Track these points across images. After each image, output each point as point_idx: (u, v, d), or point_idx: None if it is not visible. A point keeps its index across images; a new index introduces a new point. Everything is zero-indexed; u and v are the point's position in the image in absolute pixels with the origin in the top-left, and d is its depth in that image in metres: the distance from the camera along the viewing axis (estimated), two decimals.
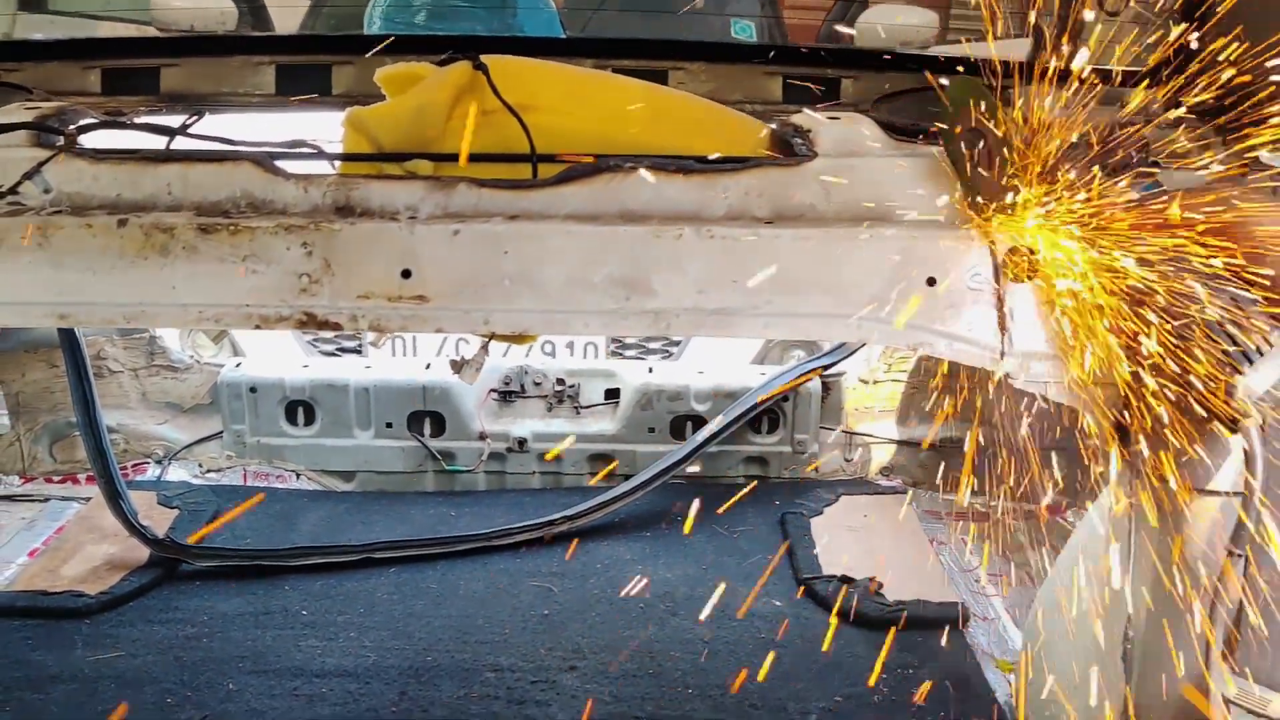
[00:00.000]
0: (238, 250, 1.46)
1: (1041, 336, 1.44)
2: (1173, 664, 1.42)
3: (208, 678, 2.07)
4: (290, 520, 2.75)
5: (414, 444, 2.96)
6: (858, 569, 2.46)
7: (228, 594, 2.39)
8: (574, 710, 1.97)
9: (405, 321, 1.47)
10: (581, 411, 3.00)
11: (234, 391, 2.96)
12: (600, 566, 2.55)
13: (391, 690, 2.03)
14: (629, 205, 1.51)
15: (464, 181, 1.50)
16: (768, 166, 1.54)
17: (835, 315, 1.46)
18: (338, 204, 1.51)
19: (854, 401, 3.01)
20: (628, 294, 1.46)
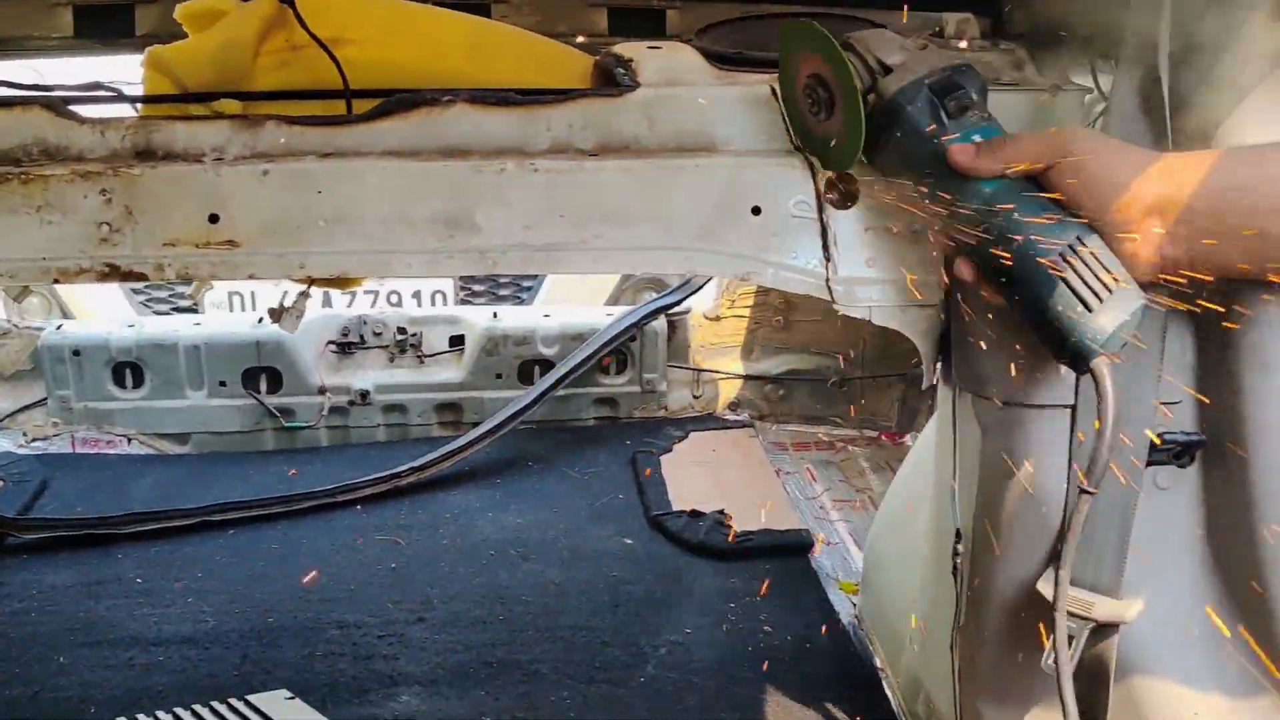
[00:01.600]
0: (30, 200, 1.36)
1: (864, 262, 1.45)
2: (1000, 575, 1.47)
3: (37, 652, 1.98)
4: (122, 486, 2.64)
5: (250, 402, 2.87)
6: (706, 502, 2.49)
7: (57, 566, 2.29)
8: (423, 662, 1.95)
9: (215, 268, 1.40)
10: (425, 360, 2.95)
11: (56, 355, 2.81)
12: (449, 516, 2.52)
13: (233, 654, 1.97)
14: (449, 140, 1.46)
15: (272, 119, 1.43)
16: (591, 98, 1.51)
17: (663, 247, 1.45)
18: (138, 147, 1.42)
19: (699, 339, 3.03)
20: (451, 232, 1.42)
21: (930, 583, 1.67)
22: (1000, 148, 1.19)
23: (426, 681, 1.89)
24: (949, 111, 1.22)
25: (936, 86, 1.23)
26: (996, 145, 1.19)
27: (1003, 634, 1.48)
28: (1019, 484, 1.41)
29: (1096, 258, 1.14)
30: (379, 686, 1.87)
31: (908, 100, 1.23)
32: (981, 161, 1.19)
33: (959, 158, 1.20)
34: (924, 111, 1.23)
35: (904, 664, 1.82)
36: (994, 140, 1.20)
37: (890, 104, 1.24)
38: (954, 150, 1.20)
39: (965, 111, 1.22)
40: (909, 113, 1.23)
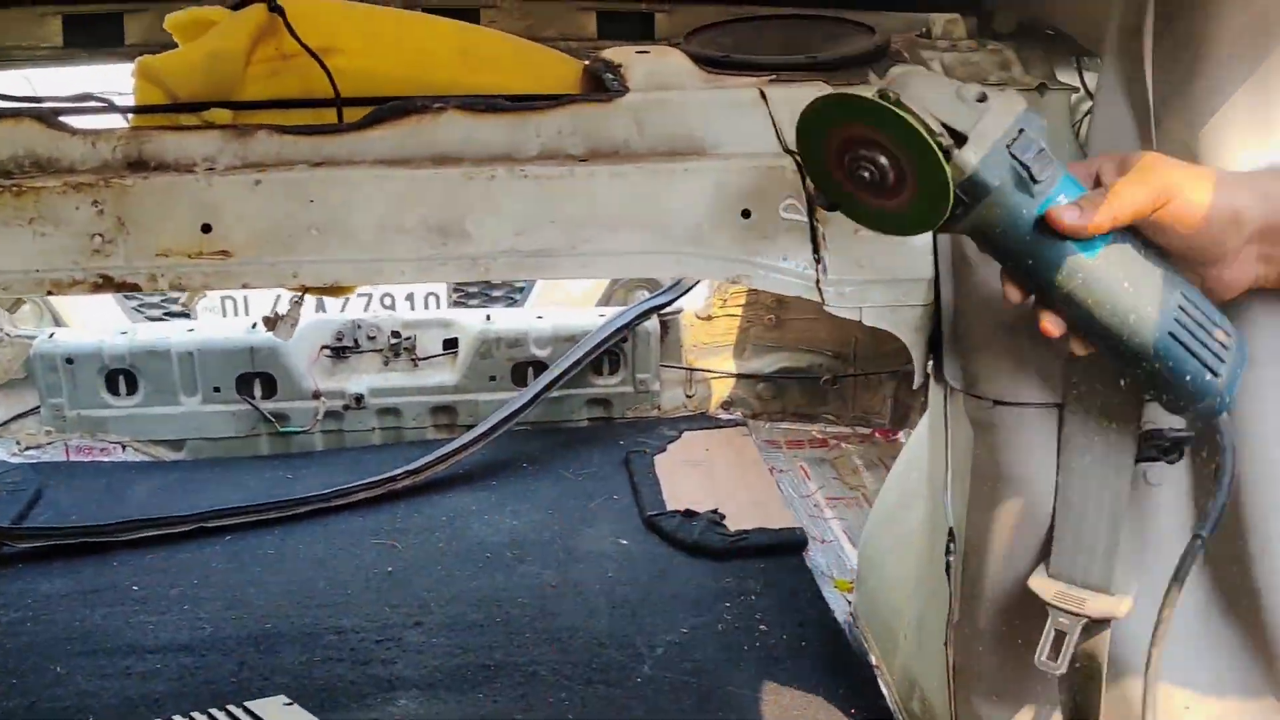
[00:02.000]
0: (23, 213, 1.37)
1: (854, 263, 1.46)
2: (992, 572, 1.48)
3: (33, 662, 1.98)
4: (117, 494, 2.65)
5: (245, 407, 2.88)
6: (700, 502, 2.50)
7: (51, 575, 2.29)
8: (421, 666, 1.96)
9: (208, 278, 1.40)
10: (419, 364, 2.96)
11: (48, 364, 2.82)
12: (445, 519, 2.53)
13: (230, 661, 1.98)
14: (439, 147, 1.47)
15: (263, 129, 1.44)
16: (580, 103, 1.52)
17: (653, 251, 1.46)
18: (129, 158, 1.43)
19: (692, 338, 3.04)
20: (443, 239, 1.42)
21: (924, 580, 1.69)
22: (1102, 203, 1.08)
23: (424, 685, 1.90)
24: (1034, 176, 1.09)
25: (1016, 150, 1.10)
26: (1097, 201, 1.09)
27: (996, 631, 1.49)
28: (1010, 481, 1.43)
29: (1203, 311, 1.11)
30: (377, 691, 1.88)
31: (993, 176, 1.09)
32: (1090, 220, 1.08)
33: (1064, 221, 1.08)
34: (1010, 181, 1.10)
35: (899, 661, 1.83)
36: (1092, 197, 1.10)
37: (975, 181, 1.09)
38: (1059, 215, 1.08)
39: (1047, 169, 1.10)
40: (996, 188, 1.09)
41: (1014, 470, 1.42)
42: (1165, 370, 1.12)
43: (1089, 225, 1.08)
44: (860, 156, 1.12)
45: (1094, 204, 1.09)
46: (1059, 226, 1.09)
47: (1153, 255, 1.12)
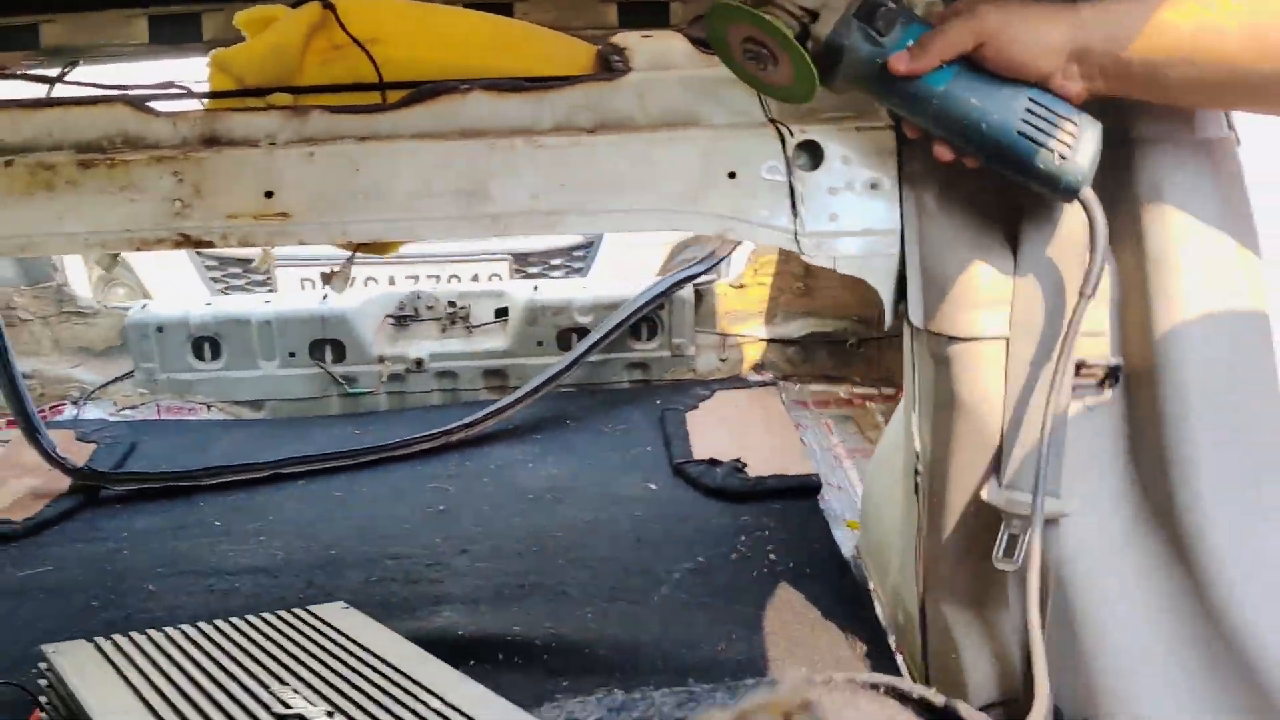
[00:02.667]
0: (115, 182, 1.63)
1: (828, 218, 1.67)
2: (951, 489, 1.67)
3: (129, 584, 2.26)
4: (203, 447, 2.93)
5: (317, 371, 3.15)
6: (725, 452, 2.71)
7: (145, 513, 2.58)
8: (465, 585, 2.20)
9: (270, 236, 1.66)
10: (473, 331, 3.21)
11: (141, 332, 3.12)
12: (493, 468, 2.77)
13: (299, 581, 2.24)
14: (467, 123, 1.71)
15: (317, 109, 1.69)
16: (589, 82, 1.75)
17: (652, 210, 1.68)
18: (204, 136, 1.69)
19: (725, 306, 3.24)
20: (469, 201, 1.66)
21: (903, 505, 1.88)
22: (929, 45, 1.38)
23: (467, 601, 2.13)
24: (880, 31, 1.40)
25: (863, 13, 1.41)
26: (925, 44, 1.38)
27: (957, 541, 1.68)
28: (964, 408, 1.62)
29: (1051, 110, 1.38)
30: (425, 605, 2.12)
31: (842, 38, 1.41)
32: (918, 64, 1.39)
33: (898, 67, 1.39)
34: (860, 41, 1.41)
35: (889, 583, 2.03)
36: (921, 39, 1.39)
37: (828, 45, 1.42)
38: (892, 63, 1.39)
39: (894, 24, 1.40)
40: (847, 47, 1.41)
41: (967, 397, 1.62)
42: (1023, 161, 1.40)
43: (915, 68, 1.39)
44: (749, 47, 1.47)
45: (923, 48, 1.38)
46: (893, 71, 1.40)
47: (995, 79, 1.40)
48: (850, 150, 1.65)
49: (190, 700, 1.51)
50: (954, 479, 1.66)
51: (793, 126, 1.66)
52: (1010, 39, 1.36)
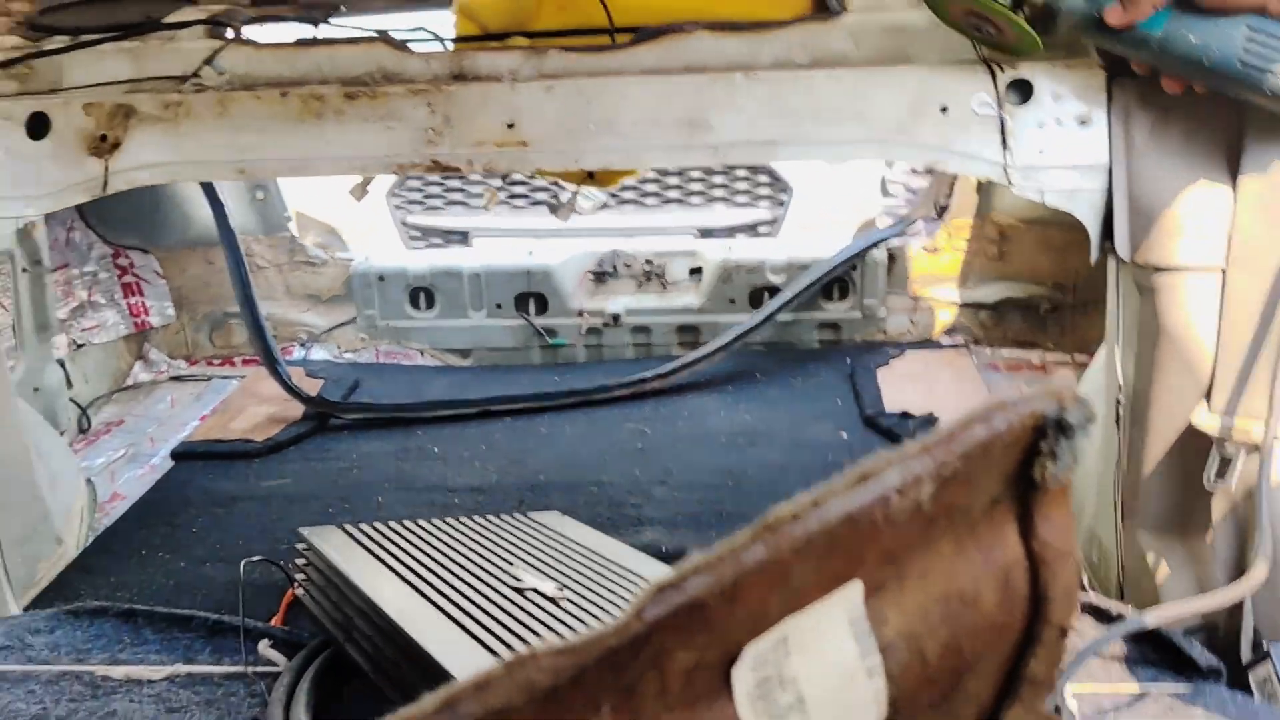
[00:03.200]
0: (376, 111, 1.81)
1: (1037, 152, 1.72)
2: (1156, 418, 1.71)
3: (361, 495, 2.47)
4: (419, 387, 3.15)
5: (521, 322, 3.33)
6: (917, 407, 2.76)
7: (372, 439, 2.80)
8: (665, 510, 2.33)
9: (511, 163, 1.81)
10: (668, 288, 3.34)
11: (365, 281, 3.36)
12: (687, 413, 2.89)
13: (511, 499, 2.41)
14: (691, 60, 1.83)
15: (554, 49, 1.84)
16: (806, 22, 1.85)
17: (865, 141, 1.77)
18: (454, 72, 1.86)
19: (918, 269, 3.28)
20: (691, 131, 1.78)
21: (1103, 441, 1.91)
22: None
23: (667, 524, 2.26)
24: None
25: None
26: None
27: (1160, 468, 1.72)
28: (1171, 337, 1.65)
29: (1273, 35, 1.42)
30: (629, 525, 2.26)
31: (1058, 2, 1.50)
32: (1131, 14, 1.46)
33: (1113, 20, 1.47)
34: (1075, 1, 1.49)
35: (1084, 524, 2.06)
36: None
37: (1046, 8, 1.52)
38: (1107, 17, 1.47)
39: None
40: (1063, 9, 1.51)
41: (1175, 326, 1.65)
42: (1252, 88, 1.45)
43: (1130, 18, 1.45)
44: (970, 20, 1.59)
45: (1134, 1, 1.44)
46: (1109, 23, 1.47)
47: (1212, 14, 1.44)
48: (1060, 86, 1.71)
49: (434, 573, 1.67)
50: (1159, 407, 1.70)
51: (1004, 64, 1.72)
52: None
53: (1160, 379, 1.69)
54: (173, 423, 3.04)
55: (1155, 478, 1.73)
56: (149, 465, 2.78)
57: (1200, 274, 1.63)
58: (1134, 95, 1.66)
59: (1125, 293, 1.74)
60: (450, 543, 1.81)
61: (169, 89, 1.89)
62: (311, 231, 4.99)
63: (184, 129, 1.83)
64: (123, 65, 1.93)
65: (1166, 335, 1.66)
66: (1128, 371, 1.75)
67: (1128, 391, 1.76)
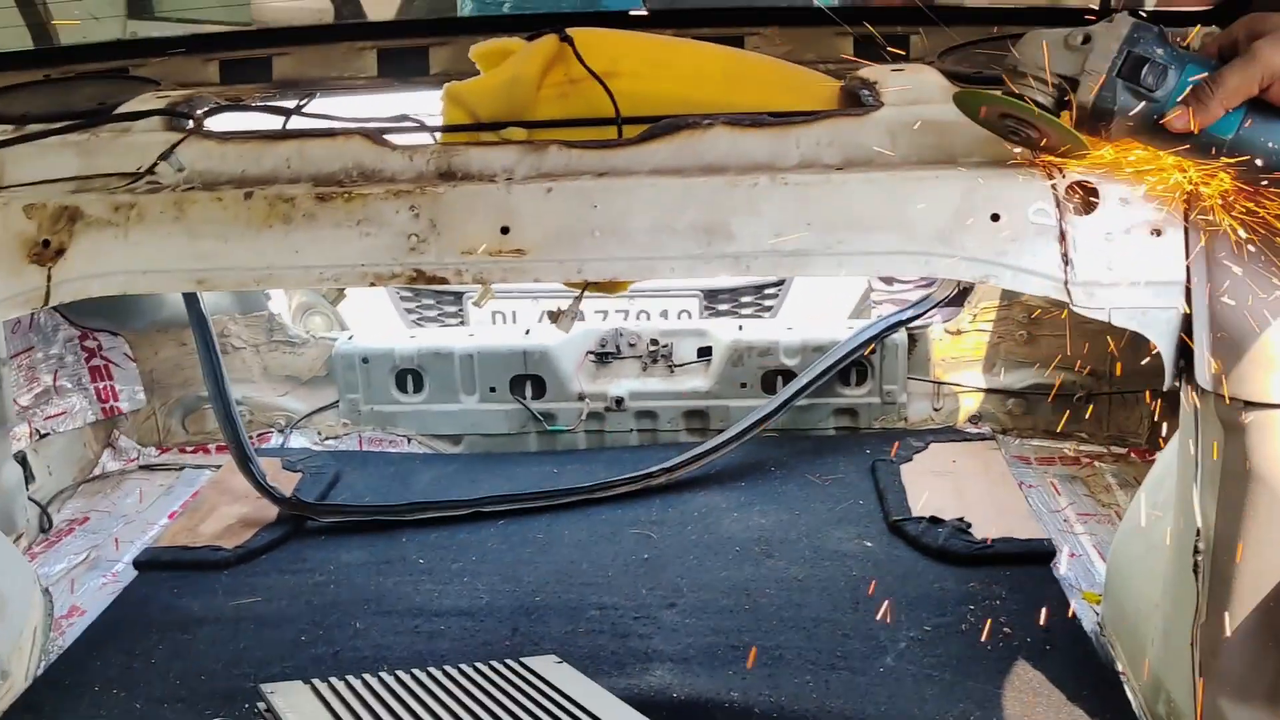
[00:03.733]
0: (352, 215, 1.61)
1: (1103, 265, 1.51)
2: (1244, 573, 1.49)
3: (336, 619, 2.24)
4: (404, 480, 2.93)
5: (517, 407, 3.11)
6: (946, 510, 2.54)
7: (350, 546, 2.58)
8: (675, 642, 2.10)
9: (505, 273, 1.60)
10: (675, 370, 3.12)
11: (348, 363, 3.15)
12: (697, 515, 2.67)
13: (504, 627, 2.18)
14: (708, 159, 1.63)
15: (555, 144, 1.63)
16: (837, 117, 1.65)
17: (904, 252, 1.56)
18: (440, 170, 1.65)
19: (941, 352, 3.08)
20: (709, 239, 1.57)
21: (1172, 583, 1.69)
22: (1209, 98, 1.29)
23: (678, 660, 2.03)
24: (1150, 88, 1.32)
25: (1127, 72, 1.32)
26: (1203, 97, 1.29)
27: (1247, 629, 1.50)
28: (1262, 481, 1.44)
29: None
30: (635, 661, 2.03)
31: (1109, 102, 1.34)
32: (1201, 119, 1.29)
33: (1178, 126, 1.30)
34: (1130, 99, 1.33)
35: (1146, 666, 1.84)
36: (1198, 92, 1.29)
37: (1096, 110, 1.35)
38: (1171, 124, 1.31)
39: (1164, 75, 1.31)
40: (1118, 109, 1.34)
41: (1266, 471, 1.44)
42: None
43: (1199, 124, 1.30)
44: (1007, 124, 1.44)
45: (1203, 102, 1.28)
46: (1173, 130, 1.31)
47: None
48: (1129, 192, 1.50)
49: None
50: (1248, 560, 1.48)
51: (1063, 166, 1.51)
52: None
53: (1251, 529, 1.47)
54: (140, 521, 2.82)
55: (1242, 639, 1.52)
56: (111, 573, 2.55)
57: None
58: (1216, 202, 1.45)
59: (1205, 425, 1.53)
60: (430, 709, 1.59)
61: (120, 187, 1.68)
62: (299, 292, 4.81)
63: (135, 235, 1.62)
64: (69, 159, 1.73)
65: (1260, 480, 1.45)
66: (1209, 515, 1.53)
67: (1208, 537, 1.54)
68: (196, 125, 1.76)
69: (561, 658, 1.90)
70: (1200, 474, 1.54)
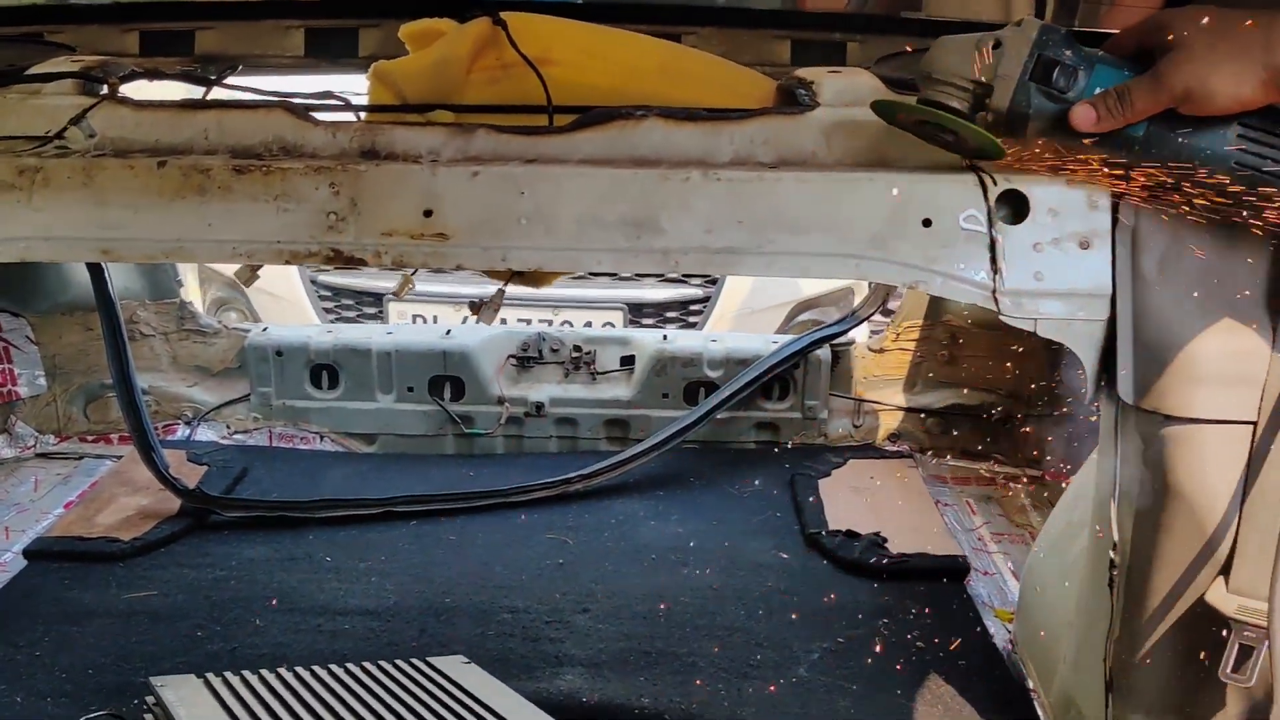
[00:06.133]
0: (270, 190, 1.54)
1: (1032, 275, 1.51)
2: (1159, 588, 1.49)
3: (236, 615, 2.16)
4: (314, 478, 2.84)
5: (434, 408, 3.05)
6: (862, 525, 2.53)
7: (254, 542, 2.49)
8: (587, 647, 2.05)
9: (427, 258, 1.55)
10: (597, 378, 3.08)
11: (260, 355, 3.05)
12: (614, 522, 2.63)
13: (412, 628, 2.12)
14: (640, 151, 1.60)
15: (483, 128, 1.59)
16: (772, 115, 1.63)
17: (835, 254, 1.54)
18: (363, 148, 1.60)
19: (863, 370, 3.08)
20: (638, 233, 1.54)
21: (1086, 600, 1.69)
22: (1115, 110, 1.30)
23: (590, 664, 1.99)
24: (1062, 89, 1.33)
25: (1039, 75, 1.33)
26: (1110, 108, 1.30)
27: (1162, 646, 1.50)
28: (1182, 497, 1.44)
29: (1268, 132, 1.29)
30: (546, 665, 1.98)
31: (1023, 105, 1.34)
32: (1104, 126, 1.31)
33: (1080, 126, 1.31)
34: (1043, 102, 1.34)
35: (1056, 684, 1.83)
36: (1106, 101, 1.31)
37: (1011, 114, 1.36)
38: (1076, 121, 1.32)
39: (1074, 77, 1.32)
40: (1032, 112, 1.35)
41: (1188, 486, 1.44)
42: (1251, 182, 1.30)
43: (1101, 129, 1.31)
44: (924, 129, 1.46)
45: (1109, 112, 1.30)
46: (1077, 128, 1.32)
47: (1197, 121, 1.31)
48: (1059, 203, 1.50)
49: None
50: (1163, 577, 1.48)
51: (996, 174, 1.51)
52: (1206, 94, 1.27)
53: (1167, 545, 1.47)
54: (34, 510, 2.70)
55: (1156, 656, 1.51)
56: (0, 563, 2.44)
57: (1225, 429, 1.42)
58: (1144, 216, 1.46)
59: (1125, 440, 1.53)
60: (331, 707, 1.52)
61: (27, 150, 1.60)
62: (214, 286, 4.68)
63: (39, 200, 1.54)
64: None
65: (1177, 495, 1.45)
66: (1125, 530, 1.53)
67: (1124, 551, 1.54)
68: (111, 90, 1.68)
69: (470, 659, 1.85)
70: (1118, 488, 1.54)
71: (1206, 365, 1.39)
